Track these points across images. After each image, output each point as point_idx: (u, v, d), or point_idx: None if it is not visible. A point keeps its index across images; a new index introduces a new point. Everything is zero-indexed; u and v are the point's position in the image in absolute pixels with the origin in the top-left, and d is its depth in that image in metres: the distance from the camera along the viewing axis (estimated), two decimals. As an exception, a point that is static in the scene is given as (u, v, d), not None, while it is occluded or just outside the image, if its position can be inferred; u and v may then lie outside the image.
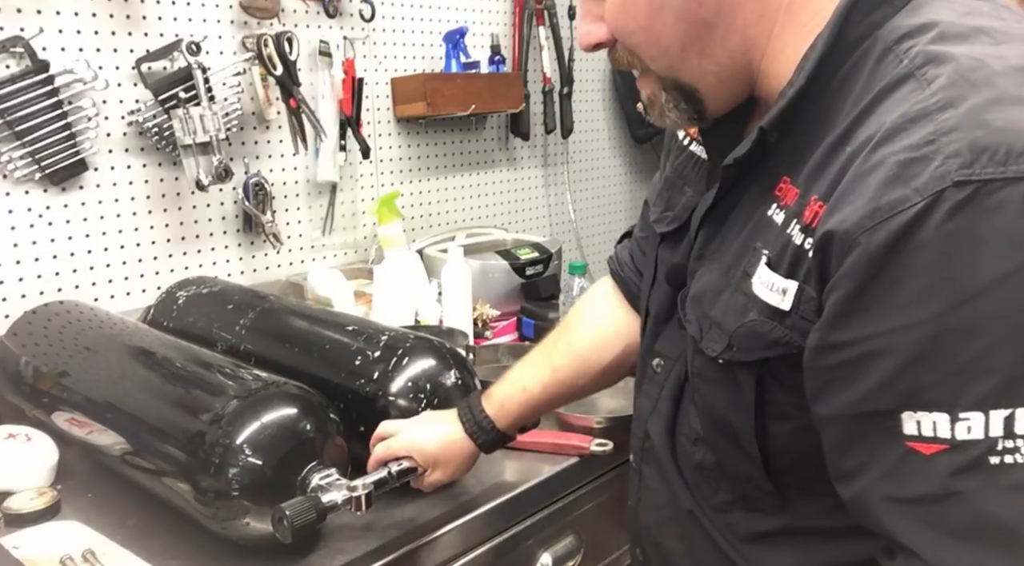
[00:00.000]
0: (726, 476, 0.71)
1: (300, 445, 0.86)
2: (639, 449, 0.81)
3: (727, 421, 0.67)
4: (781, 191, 0.61)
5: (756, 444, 0.65)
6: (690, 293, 0.69)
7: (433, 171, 1.98)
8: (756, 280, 0.60)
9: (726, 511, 0.72)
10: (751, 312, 0.61)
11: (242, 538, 0.86)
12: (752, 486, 0.68)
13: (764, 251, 0.60)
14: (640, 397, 0.81)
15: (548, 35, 2.11)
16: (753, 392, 0.63)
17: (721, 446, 0.69)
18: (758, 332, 0.60)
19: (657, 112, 0.68)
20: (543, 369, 0.96)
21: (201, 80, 1.40)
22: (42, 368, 1.09)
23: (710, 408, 0.69)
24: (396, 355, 1.01)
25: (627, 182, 2.56)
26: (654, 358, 0.78)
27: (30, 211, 1.34)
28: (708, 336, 0.65)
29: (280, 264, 1.69)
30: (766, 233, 0.61)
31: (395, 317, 1.49)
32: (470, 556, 1.00)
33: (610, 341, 0.95)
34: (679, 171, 0.81)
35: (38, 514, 0.95)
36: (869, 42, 0.57)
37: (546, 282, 1.76)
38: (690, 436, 0.73)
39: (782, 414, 0.63)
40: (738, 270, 0.63)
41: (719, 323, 0.64)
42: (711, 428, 0.70)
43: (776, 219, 0.60)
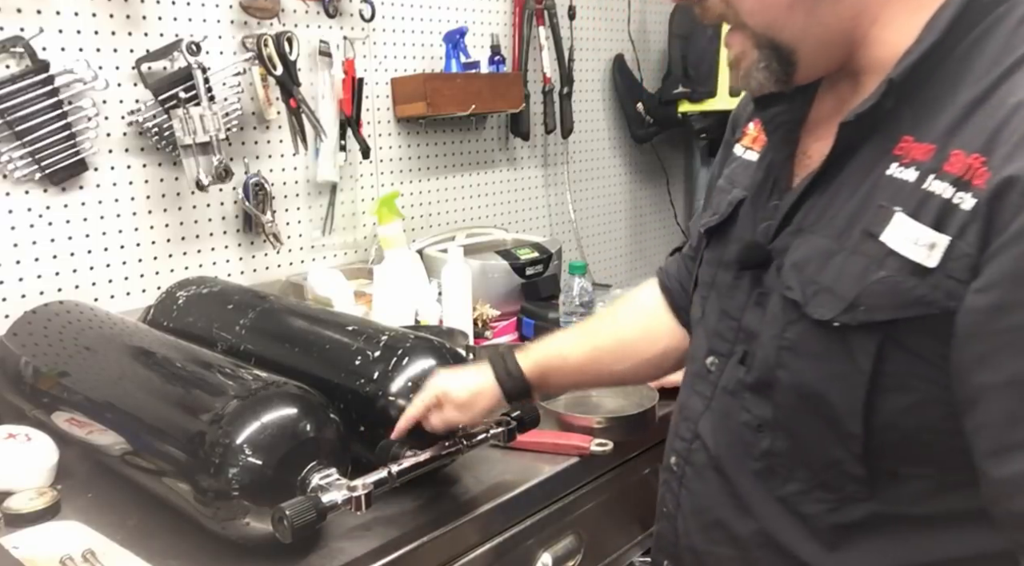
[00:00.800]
0: (803, 462, 0.68)
1: (300, 445, 0.86)
2: (684, 450, 0.79)
3: (823, 397, 0.64)
4: (903, 149, 0.60)
5: (861, 420, 0.62)
6: (788, 262, 0.67)
7: (433, 171, 1.98)
8: (891, 236, 0.59)
9: (798, 502, 0.68)
10: (880, 271, 0.59)
11: (242, 538, 0.86)
12: (836, 471, 0.65)
13: (895, 208, 0.59)
14: (691, 398, 0.79)
15: (548, 35, 2.11)
16: (871, 360, 0.60)
17: (804, 428, 0.67)
18: (898, 289, 0.58)
19: (742, 72, 0.67)
20: (585, 344, 0.98)
21: (201, 80, 1.40)
22: (42, 368, 1.09)
23: (801, 384, 0.65)
24: (396, 355, 1.01)
25: (627, 182, 2.56)
26: (708, 357, 0.77)
27: (30, 211, 1.34)
28: (816, 301, 0.63)
29: (280, 264, 1.69)
30: (891, 191, 0.60)
31: (395, 317, 1.49)
32: (470, 556, 1.00)
33: (655, 337, 0.97)
34: (729, 178, 0.82)
35: (38, 514, 0.95)
36: (1004, 8, 0.59)
37: (546, 282, 1.76)
38: (751, 423, 0.71)
39: (900, 386, 0.60)
40: (853, 232, 0.62)
41: (830, 288, 0.62)
42: (795, 408, 0.67)
43: (903, 176, 0.60)
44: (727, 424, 0.74)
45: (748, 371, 0.71)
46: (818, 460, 0.66)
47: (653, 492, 0.87)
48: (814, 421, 0.65)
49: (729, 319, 0.75)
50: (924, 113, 0.60)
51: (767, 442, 0.70)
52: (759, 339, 0.70)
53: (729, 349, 0.75)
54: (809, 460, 0.67)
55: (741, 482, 0.73)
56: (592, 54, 2.35)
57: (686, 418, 0.80)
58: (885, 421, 0.62)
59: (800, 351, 0.65)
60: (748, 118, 0.85)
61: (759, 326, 0.70)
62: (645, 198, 2.63)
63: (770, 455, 0.70)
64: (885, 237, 0.59)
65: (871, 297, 0.59)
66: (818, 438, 0.65)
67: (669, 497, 0.82)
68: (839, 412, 0.63)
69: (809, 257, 0.65)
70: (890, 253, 0.59)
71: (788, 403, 0.67)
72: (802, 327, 0.64)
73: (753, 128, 0.83)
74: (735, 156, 0.84)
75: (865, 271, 0.60)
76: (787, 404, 0.67)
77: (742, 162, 0.82)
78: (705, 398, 0.77)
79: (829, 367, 0.63)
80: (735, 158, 0.84)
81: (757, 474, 0.71)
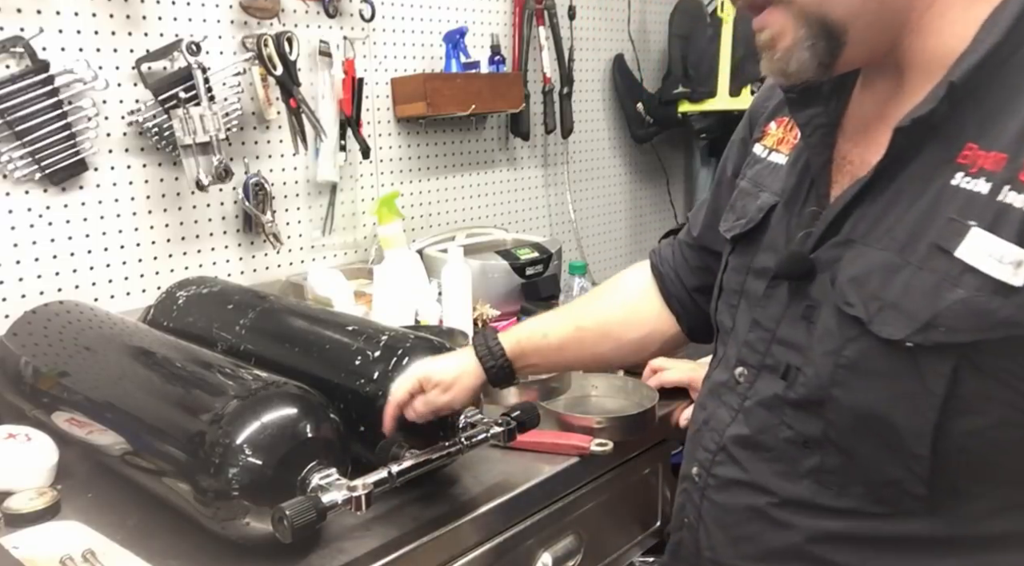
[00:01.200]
0: (860, 479, 0.65)
1: (300, 445, 0.86)
2: (707, 461, 0.77)
3: (885, 418, 0.61)
4: (967, 158, 0.57)
5: (929, 442, 0.59)
6: (844, 276, 0.63)
7: (433, 171, 1.98)
8: (968, 252, 0.55)
9: (846, 517, 0.66)
10: (958, 289, 0.56)
11: (242, 538, 0.86)
12: (895, 489, 0.63)
13: (970, 222, 0.56)
14: (718, 409, 0.77)
15: (548, 35, 2.11)
16: (944, 383, 0.57)
17: (861, 447, 0.64)
18: (982, 310, 0.55)
19: (779, 54, 0.63)
20: (567, 324, 0.96)
21: (201, 80, 1.40)
22: (42, 368, 1.09)
23: (860, 404, 0.62)
24: (396, 355, 1.01)
25: (627, 182, 2.56)
26: (737, 368, 0.75)
27: (30, 211, 1.34)
28: (880, 318, 0.59)
29: (280, 264, 1.69)
30: (960, 203, 0.57)
31: (395, 317, 1.49)
32: (470, 556, 1.00)
33: (641, 320, 0.96)
34: (754, 180, 0.79)
35: (38, 514, 0.95)
36: None
37: (546, 282, 1.76)
38: (794, 440, 0.68)
39: (973, 409, 0.58)
40: (919, 246, 0.59)
41: (897, 305, 0.59)
42: (852, 427, 0.64)
43: (973, 188, 0.57)
44: (763, 439, 0.71)
45: (790, 387, 0.68)
46: (875, 478, 0.64)
47: (653, 492, 0.87)
48: (873, 441, 0.63)
49: (761, 330, 0.72)
50: (989, 119, 0.57)
51: (815, 459, 0.67)
52: (807, 354, 0.66)
53: (760, 361, 0.72)
54: (865, 478, 0.65)
55: (778, 498, 0.70)
56: (592, 54, 2.35)
57: (711, 429, 0.77)
58: (955, 444, 0.59)
59: (860, 370, 0.62)
60: (770, 116, 0.82)
61: (806, 340, 0.67)
62: (645, 198, 2.63)
63: (819, 471, 0.67)
64: (961, 253, 0.56)
65: (951, 318, 0.56)
66: (877, 457, 0.63)
67: (690, 507, 0.80)
68: (903, 433, 0.60)
69: (870, 271, 0.61)
70: (967, 270, 0.56)
71: (844, 422, 0.64)
72: (864, 345, 0.61)
73: (776, 128, 0.80)
74: (756, 156, 0.81)
75: (937, 288, 0.57)
76: (842, 423, 0.64)
77: (768, 164, 0.78)
78: (733, 410, 0.74)
79: (894, 387, 0.60)
80: (757, 159, 0.81)
81: (807, 488, 0.68)
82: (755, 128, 0.85)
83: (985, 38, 0.57)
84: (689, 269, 0.95)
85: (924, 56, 0.61)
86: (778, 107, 0.82)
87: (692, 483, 0.79)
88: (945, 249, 0.57)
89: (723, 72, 2.21)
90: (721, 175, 0.90)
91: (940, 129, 0.60)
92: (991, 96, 0.58)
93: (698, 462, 0.79)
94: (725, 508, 0.75)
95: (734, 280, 0.78)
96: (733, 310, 0.78)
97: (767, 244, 0.74)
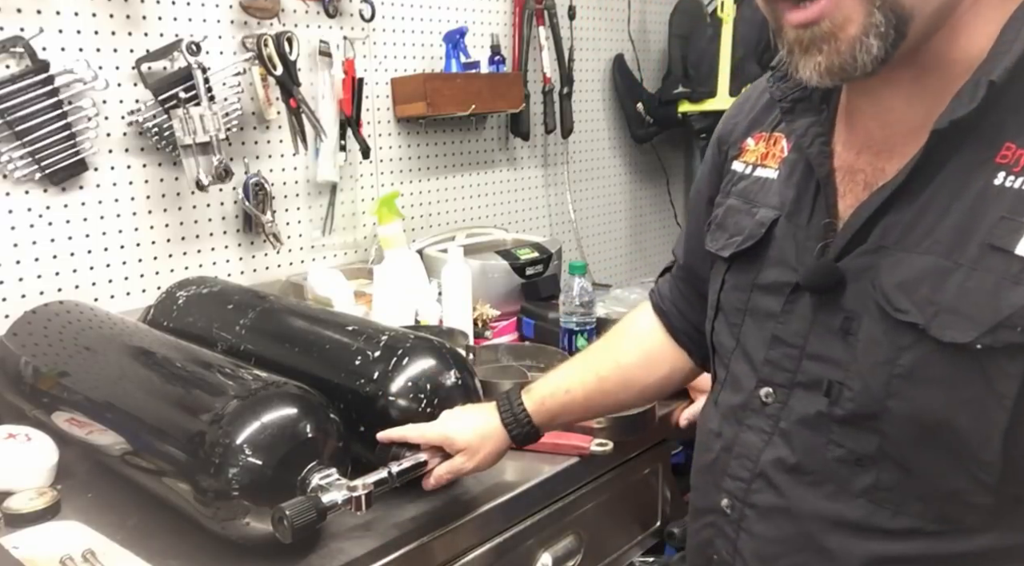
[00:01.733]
0: (918, 495, 0.63)
1: (300, 445, 0.86)
2: (741, 491, 0.73)
3: (949, 425, 0.59)
4: (1007, 157, 0.57)
5: (1000, 448, 0.58)
6: (890, 282, 0.62)
7: (433, 171, 1.98)
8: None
9: (905, 538, 0.64)
10: (1022, 286, 0.55)
11: (242, 538, 0.86)
12: (957, 502, 0.61)
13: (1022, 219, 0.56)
14: (744, 434, 0.74)
15: (548, 35, 2.11)
16: (1015, 385, 0.56)
17: (921, 459, 0.62)
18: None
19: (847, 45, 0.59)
20: (587, 375, 0.95)
21: (201, 80, 1.40)
22: (42, 368, 1.09)
23: (921, 413, 0.61)
24: (396, 355, 1.01)
25: (627, 182, 2.55)
26: (761, 388, 0.72)
27: (30, 211, 1.34)
28: (939, 322, 0.58)
29: (280, 264, 1.69)
30: (1007, 202, 0.57)
31: (395, 317, 1.49)
32: (470, 556, 1.00)
33: (658, 362, 0.95)
34: (745, 197, 0.78)
35: (38, 514, 0.95)
36: None
37: (546, 282, 1.76)
38: (846, 458, 0.66)
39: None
40: (969, 247, 0.58)
41: (955, 308, 0.58)
42: (912, 439, 0.62)
43: (1019, 186, 0.57)
44: (807, 462, 0.69)
45: (835, 403, 0.66)
46: (936, 491, 0.63)
47: (653, 492, 0.87)
48: (934, 451, 0.61)
49: (785, 346, 0.70)
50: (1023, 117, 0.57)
51: (870, 477, 0.65)
52: (851, 368, 0.65)
53: (790, 379, 0.70)
54: (924, 492, 0.63)
55: (827, 523, 0.68)
56: (592, 54, 2.35)
57: (739, 455, 0.74)
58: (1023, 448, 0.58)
59: (919, 378, 0.60)
60: (744, 133, 0.81)
61: (845, 354, 0.65)
62: (645, 198, 2.63)
63: (875, 490, 0.65)
64: (1022, 249, 0.56)
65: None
66: (938, 469, 0.62)
67: (722, 543, 0.76)
68: (969, 440, 0.59)
69: (919, 276, 0.60)
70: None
71: (902, 434, 0.63)
72: (922, 351, 0.60)
73: (755, 144, 0.79)
74: (738, 173, 0.80)
75: (997, 288, 0.56)
76: (901, 435, 0.63)
77: (756, 180, 0.77)
78: (765, 433, 0.72)
79: (958, 393, 0.59)
80: (741, 176, 0.80)
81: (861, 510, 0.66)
82: (729, 148, 0.84)
83: (1015, 37, 0.57)
84: (687, 302, 0.94)
85: (950, 56, 0.61)
86: (753, 123, 0.81)
87: (723, 516, 0.75)
88: (1002, 248, 0.56)
89: (723, 72, 2.21)
90: (696, 199, 0.89)
91: (974, 130, 0.59)
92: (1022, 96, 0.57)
93: (728, 493, 0.74)
94: (767, 540, 0.71)
95: (736, 298, 0.76)
96: (736, 329, 0.76)
97: (774, 259, 0.72)
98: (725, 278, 0.78)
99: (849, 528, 0.66)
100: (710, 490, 0.77)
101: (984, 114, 0.58)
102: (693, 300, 0.93)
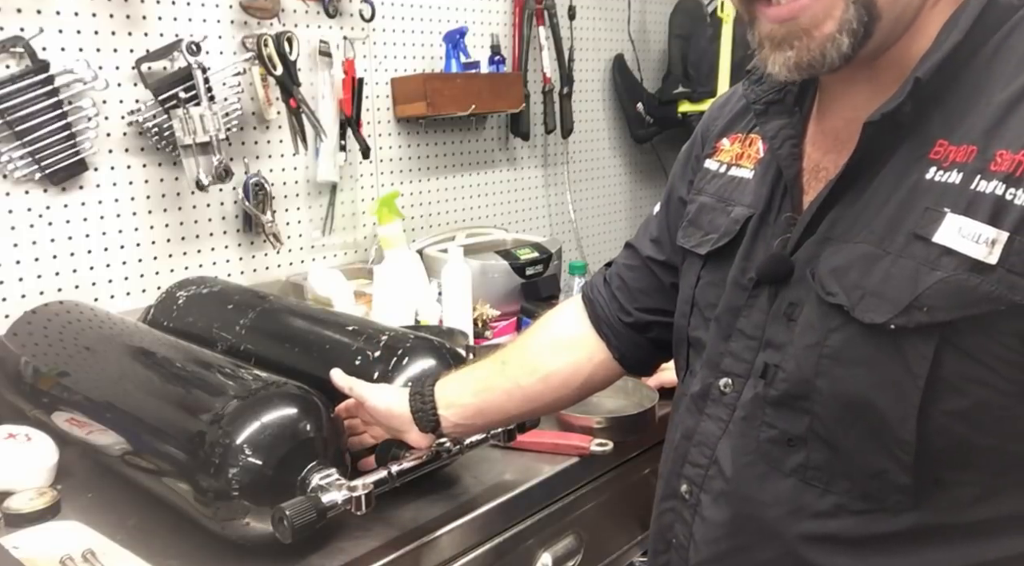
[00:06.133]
0: (844, 473, 0.65)
1: (300, 445, 0.86)
2: (699, 477, 0.75)
3: (870, 405, 0.62)
4: (939, 153, 0.60)
5: (914, 427, 0.60)
6: (825, 268, 0.64)
7: (433, 171, 1.98)
8: (947, 235, 0.58)
9: (834, 516, 0.66)
10: (937, 271, 0.58)
11: (242, 538, 0.86)
12: (880, 481, 0.63)
13: (945, 209, 0.58)
14: (704, 422, 0.75)
15: (548, 35, 2.11)
16: (927, 365, 0.59)
17: (846, 437, 0.64)
18: (962, 287, 0.57)
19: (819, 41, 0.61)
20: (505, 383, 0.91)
21: (201, 80, 1.40)
22: (42, 368, 1.09)
23: (845, 392, 0.63)
24: (396, 355, 1.01)
25: (627, 182, 2.56)
26: (721, 379, 0.74)
27: (30, 211, 1.34)
28: (863, 305, 0.61)
29: (280, 264, 1.69)
30: (935, 195, 0.59)
31: (395, 317, 1.49)
32: (470, 556, 1.00)
33: (568, 347, 0.93)
34: (720, 195, 0.79)
35: (38, 514, 0.95)
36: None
37: (546, 282, 1.76)
38: (778, 439, 0.68)
39: (955, 390, 0.59)
40: (897, 236, 0.61)
41: (878, 292, 0.60)
42: (837, 418, 0.64)
43: (947, 179, 0.59)
44: (745, 444, 0.71)
45: (770, 384, 0.68)
46: (860, 470, 0.64)
47: (653, 492, 0.86)
48: (858, 430, 0.63)
49: (746, 339, 0.72)
50: (955, 116, 0.60)
51: (800, 456, 0.67)
52: (786, 351, 0.67)
53: (747, 369, 0.71)
54: (850, 471, 0.65)
55: (763, 504, 0.69)
56: (592, 54, 2.35)
57: (699, 443, 0.75)
58: (938, 426, 0.60)
59: (844, 358, 0.63)
60: (720, 133, 0.83)
61: (787, 338, 0.67)
62: (645, 198, 2.63)
63: (804, 469, 0.67)
64: (939, 237, 0.58)
65: (932, 297, 0.58)
66: (862, 448, 0.63)
67: (680, 527, 0.77)
68: (888, 419, 0.61)
69: (850, 263, 0.63)
70: (945, 252, 0.58)
71: (829, 413, 0.64)
72: (848, 333, 0.62)
73: (730, 144, 0.80)
74: (711, 171, 0.81)
75: (916, 273, 0.59)
76: (828, 414, 0.65)
77: (731, 179, 0.79)
78: (722, 422, 0.73)
79: (878, 373, 0.61)
80: (715, 174, 0.81)
81: (790, 491, 0.68)
82: (704, 145, 0.85)
83: (946, 37, 0.59)
84: (629, 292, 0.92)
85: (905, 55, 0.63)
86: (729, 124, 0.83)
87: (682, 502, 0.77)
88: (923, 236, 0.59)
89: (723, 72, 2.21)
90: (671, 192, 0.89)
91: (911, 129, 0.62)
92: (956, 93, 0.60)
93: (687, 479, 0.76)
94: (714, 523, 0.73)
95: (711, 294, 0.77)
96: (709, 323, 0.77)
97: (744, 254, 0.74)
98: (700, 274, 0.79)
99: (782, 508, 0.68)
100: (672, 477, 0.79)
101: (921, 112, 0.61)
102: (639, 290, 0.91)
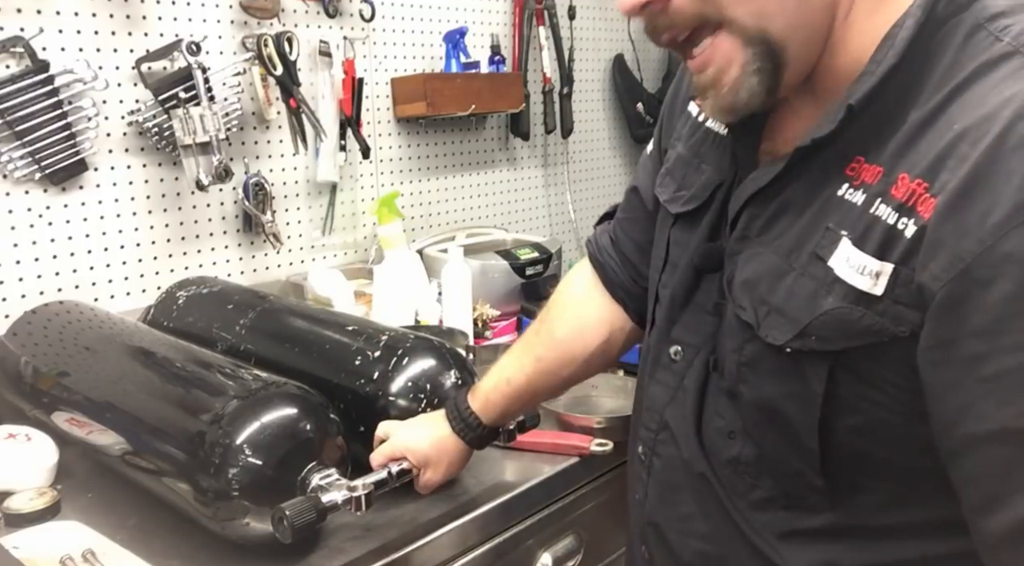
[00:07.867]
0: (769, 471, 0.67)
1: (300, 445, 0.86)
2: (650, 440, 0.77)
3: (781, 412, 0.63)
4: (854, 170, 0.59)
5: (816, 438, 0.61)
6: (739, 278, 0.65)
7: (433, 171, 1.98)
8: (838, 262, 0.57)
9: (762, 508, 0.68)
10: (829, 297, 0.58)
11: (242, 538, 0.86)
12: (799, 482, 0.65)
13: (843, 232, 0.58)
14: (653, 386, 0.77)
15: (548, 35, 2.11)
16: (823, 384, 0.60)
17: (768, 439, 0.66)
18: (845, 320, 0.57)
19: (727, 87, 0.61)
20: (526, 359, 0.93)
21: (201, 80, 1.40)
22: (42, 368, 1.09)
23: (761, 399, 0.65)
24: (396, 355, 1.01)
25: (627, 182, 2.54)
26: (671, 346, 0.75)
27: (30, 211, 1.34)
28: (767, 323, 0.62)
29: (280, 264, 1.69)
30: (839, 214, 0.59)
31: (395, 317, 1.49)
32: (470, 556, 1.00)
33: (592, 328, 0.92)
34: (695, 149, 0.77)
35: (38, 514, 0.95)
36: (955, 20, 0.57)
37: (546, 282, 1.76)
38: (722, 429, 0.70)
39: (850, 408, 0.60)
40: (802, 253, 0.60)
41: (781, 310, 0.61)
42: (758, 420, 0.66)
43: (852, 199, 0.58)
44: (696, 421, 0.72)
45: (722, 377, 0.69)
46: (781, 471, 0.66)
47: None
48: (776, 434, 0.65)
49: (703, 312, 0.72)
50: (876, 133, 0.58)
51: (736, 449, 0.69)
52: (722, 349, 0.69)
53: (700, 343, 0.72)
54: (773, 470, 0.67)
55: (704, 481, 0.72)
56: (592, 54, 2.35)
57: (649, 408, 0.77)
58: (840, 439, 0.62)
59: (757, 369, 0.65)
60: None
61: (720, 336, 0.69)
62: (645, 198, 2.62)
63: (737, 462, 0.69)
64: (832, 262, 0.58)
65: (821, 328, 0.58)
66: (781, 451, 0.65)
67: (637, 486, 0.80)
68: (797, 428, 0.63)
69: (760, 275, 0.63)
70: (836, 280, 0.58)
71: (751, 415, 0.67)
72: (757, 347, 0.64)
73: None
74: (692, 116, 0.79)
75: (815, 295, 0.59)
76: (750, 416, 0.67)
77: (705, 132, 0.76)
78: (670, 388, 0.74)
79: (785, 386, 0.63)
80: (692, 122, 0.78)
81: (727, 478, 0.70)
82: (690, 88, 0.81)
83: (882, 59, 0.58)
84: (642, 255, 0.89)
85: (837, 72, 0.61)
86: None
87: (640, 462, 0.79)
88: (821, 257, 0.59)
89: (723, 72, 2.21)
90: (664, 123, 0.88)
91: (834, 142, 0.61)
92: (881, 109, 0.58)
93: (642, 441, 0.79)
94: (667, 486, 0.76)
95: (677, 254, 0.77)
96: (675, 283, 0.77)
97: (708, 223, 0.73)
98: (671, 233, 0.78)
99: (719, 492, 0.71)
100: (633, 437, 0.82)
101: (846, 128, 0.59)
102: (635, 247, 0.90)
